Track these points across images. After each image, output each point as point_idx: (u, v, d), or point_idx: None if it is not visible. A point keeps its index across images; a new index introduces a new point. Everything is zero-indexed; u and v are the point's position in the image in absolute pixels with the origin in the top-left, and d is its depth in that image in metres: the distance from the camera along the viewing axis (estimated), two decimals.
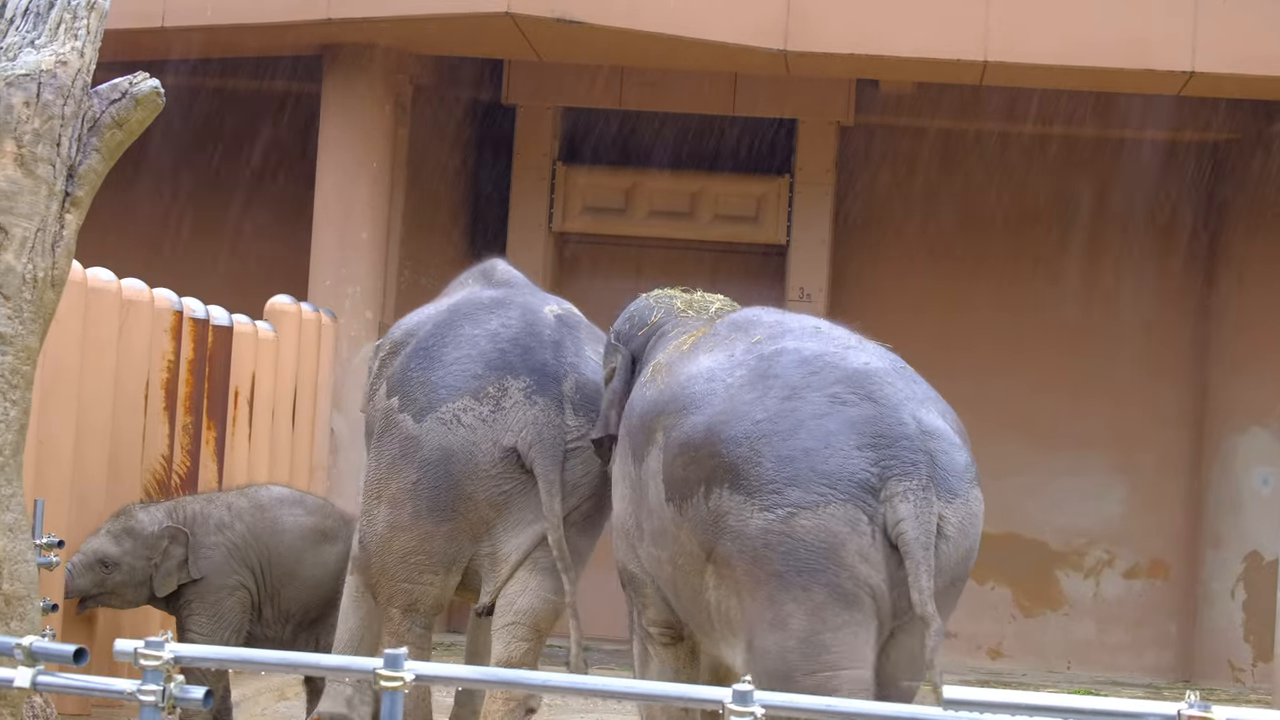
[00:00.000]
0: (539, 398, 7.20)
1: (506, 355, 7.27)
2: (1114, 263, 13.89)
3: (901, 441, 5.93)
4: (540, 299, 7.64)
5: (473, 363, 7.27)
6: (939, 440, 5.99)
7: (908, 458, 5.90)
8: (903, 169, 14.00)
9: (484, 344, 7.32)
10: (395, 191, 12.80)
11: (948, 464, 5.96)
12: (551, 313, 7.51)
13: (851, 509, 5.85)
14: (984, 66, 11.57)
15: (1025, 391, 13.67)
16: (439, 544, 7.29)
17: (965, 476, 5.99)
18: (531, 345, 7.31)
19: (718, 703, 4.57)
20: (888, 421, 5.98)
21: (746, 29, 11.50)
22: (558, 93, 13.70)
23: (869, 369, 6.17)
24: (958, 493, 5.95)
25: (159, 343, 9.04)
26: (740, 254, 14.03)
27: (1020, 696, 4.51)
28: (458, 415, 7.19)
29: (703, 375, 6.30)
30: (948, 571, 5.95)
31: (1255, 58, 11.44)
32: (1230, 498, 13.55)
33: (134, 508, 8.37)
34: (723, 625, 6.10)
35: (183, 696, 4.75)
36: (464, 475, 7.18)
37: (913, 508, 5.82)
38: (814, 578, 5.88)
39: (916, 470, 5.87)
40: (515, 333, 7.36)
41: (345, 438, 11.85)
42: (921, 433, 5.97)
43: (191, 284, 10.65)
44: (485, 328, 7.40)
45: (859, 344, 6.36)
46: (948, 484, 5.93)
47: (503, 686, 6.48)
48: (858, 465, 5.88)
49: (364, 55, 12.02)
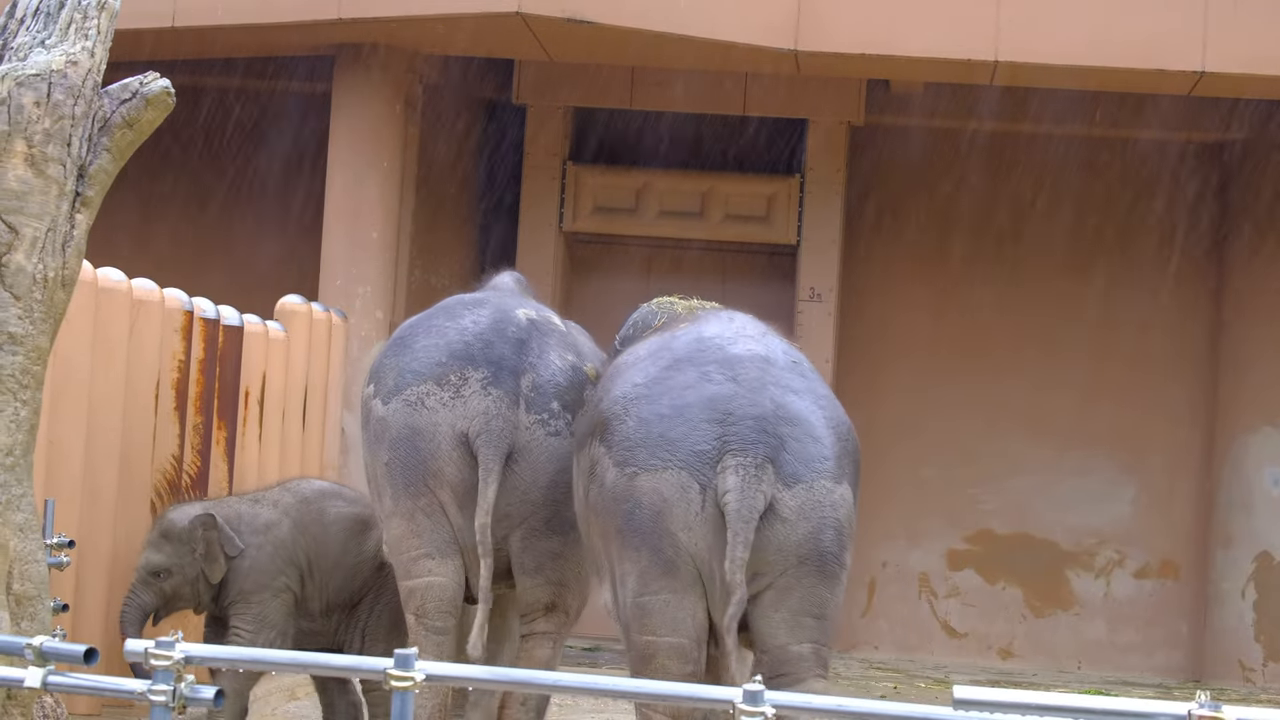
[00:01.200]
0: (493, 389, 7.39)
1: (470, 347, 7.49)
2: (1125, 262, 13.88)
3: (747, 421, 6.33)
4: (517, 302, 7.80)
5: (439, 351, 7.52)
6: (795, 427, 6.35)
7: (749, 436, 6.28)
8: (913, 169, 13.99)
9: (452, 335, 7.57)
10: (405, 191, 12.80)
11: (796, 450, 6.30)
12: (524, 315, 7.67)
13: (685, 476, 6.29)
14: (994, 66, 11.57)
15: (1035, 391, 13.66)
16: (422, 522, 7.43)
17: (814, 465, 6.32)
18: (493, 340, 7.51)
19: (727, 703, 4.58)
20: (741, 401, 6.38)
21: (757, 29, 11.50)
22: (568, 92, 13.70)
23: (749, 354, 6.57)
24: (801, 478, 6.29)
25: (169, 343, 9.04)
26: (750, 254, 14.03)
27: (1031, 696, 4.50)
28: (421, 398, 7.44)
29: (628, 357, 6.90)
30: (789, 551, 6.28)
31: (1266, 58, 11.43)
32: (1241, 498, 13.54)
33: (167, 511, 8.41)
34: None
35: (193, 696, 4.75)
36: (429, 454, 7.39)
37: (739, 481, 6.21)
38: (643, 540, 6.38)
39: (754, 449, 6.26)
40: (482, 328, 7.57)
41: (356, 437, 11.85)
42: (776, 416, 6.34)
43: (202, 284, 10.66)
44: (457, 322, 7.64)
45: (759, 336, 6.74)
46: (791, 468, 6.28)
47: (513, 687, 6.47)
48: (700, 436, 6.31)
49: (374, 55, 12.03)
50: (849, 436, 6.55)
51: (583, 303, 14.12)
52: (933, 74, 12.34)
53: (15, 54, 6.05)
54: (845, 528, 6.45)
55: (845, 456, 6.49)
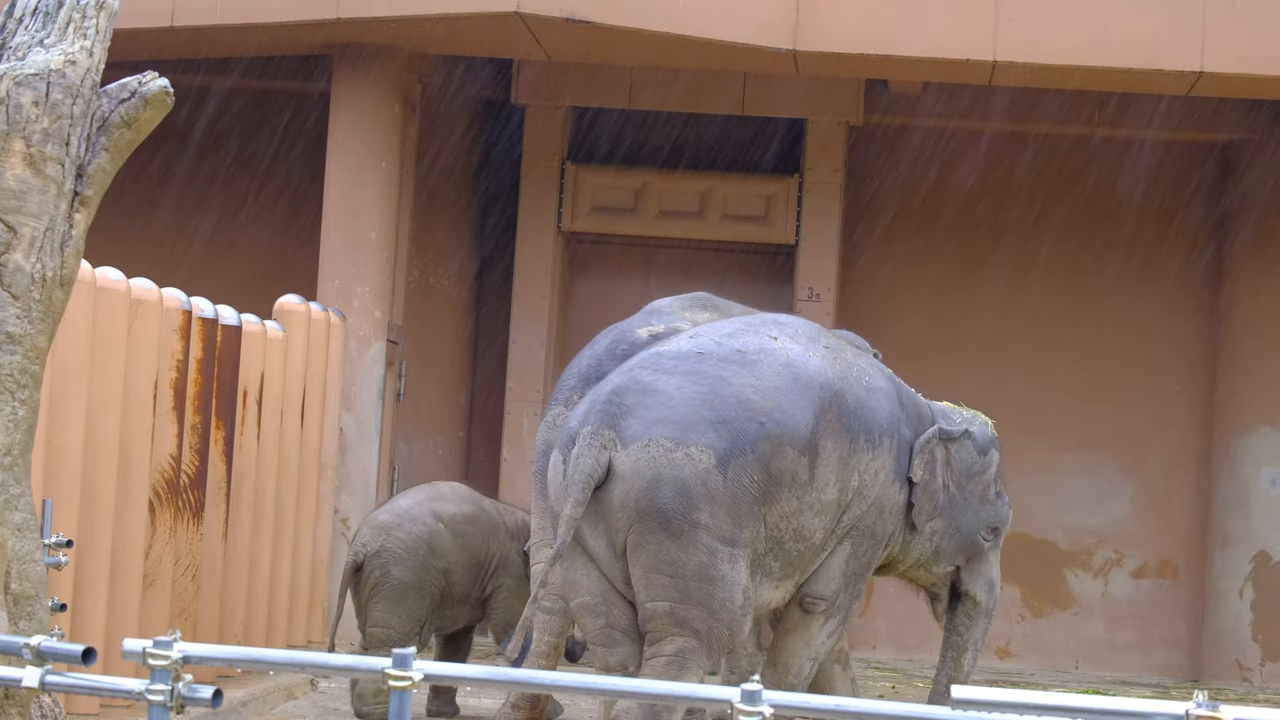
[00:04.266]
0: None
1: (589, 369, 8.31)
2: (1123, 263, 13.87)
3: (599, 400, 7.17)
4: (643, 321, 8.52)
5: (571, 377, 8.44)
6: (648, 398, 7.07)
7: (596, 410, 7.12)
8: (911, 169, 13.99)
9: (585, 361, 8.43)
10: (404, 191, 12.80)
11: (640, 416, 7.03)
12: (647, 332, 8.34)
13: (557, 454, 7.22)
14: (993, 66, 11.57)
15: (1034, 392, 13.65)
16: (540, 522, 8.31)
17: (652, 429, 6.98)
18: (604, 360, 8.26)
19: (725, 702, 4.58)
20: (604, 384, 7.29)
21: (756, 29, 11.50)
22: (567, 92, 13.70)
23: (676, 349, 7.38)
24: (636, 439, 6.98)
25: (168, 342, 9.04)
26: (749, 254, 14.03)
27: (1029, 696, 4.50)
28: (554, 419, 8.29)
29: None
30: (629, 506, 6.97)
31: (1264, 58, 11.43)
32: (1239, 498, 13.54)
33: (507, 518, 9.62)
34: None
35: (191, 696, 4.75)
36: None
37: (580, 449, 7.04)
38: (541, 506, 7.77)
39: (599, 420, 7.06)
40: (601, 350, 8.40)
41: (354, 437, 11.86)
42: (627, 389, 7.12)
43: (200, 283, 10.66)
44: (593, 349, 8.49)
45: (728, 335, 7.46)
46: (628, 432, 6.99)
47: (510, 685, 6.47)
48: (574, 418, 7.25)
49: (373, 55, 12.03)
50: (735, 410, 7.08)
51: (582, 303, 14.13)
52: (931, 74, 12.34)
53: (14, 53, 6.05)
54: (691, 486, 6.92)
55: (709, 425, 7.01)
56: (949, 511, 7.96)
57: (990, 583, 8.24)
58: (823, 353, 7.50)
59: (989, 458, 8.12)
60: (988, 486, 8.11)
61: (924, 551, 7.97)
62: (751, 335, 7.40)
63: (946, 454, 7.95)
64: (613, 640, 7.15)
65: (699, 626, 6.98)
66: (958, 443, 8.00)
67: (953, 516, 7.98)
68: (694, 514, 6.94)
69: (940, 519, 7.93)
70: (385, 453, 12.66)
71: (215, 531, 9.64)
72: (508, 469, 13.56)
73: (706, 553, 6.96)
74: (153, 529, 8.93)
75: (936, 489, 7.87)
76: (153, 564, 8.94)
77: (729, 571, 7.01)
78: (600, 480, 6.99)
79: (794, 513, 7.25)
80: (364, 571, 9.07)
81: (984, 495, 8.11)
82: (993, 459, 8.14)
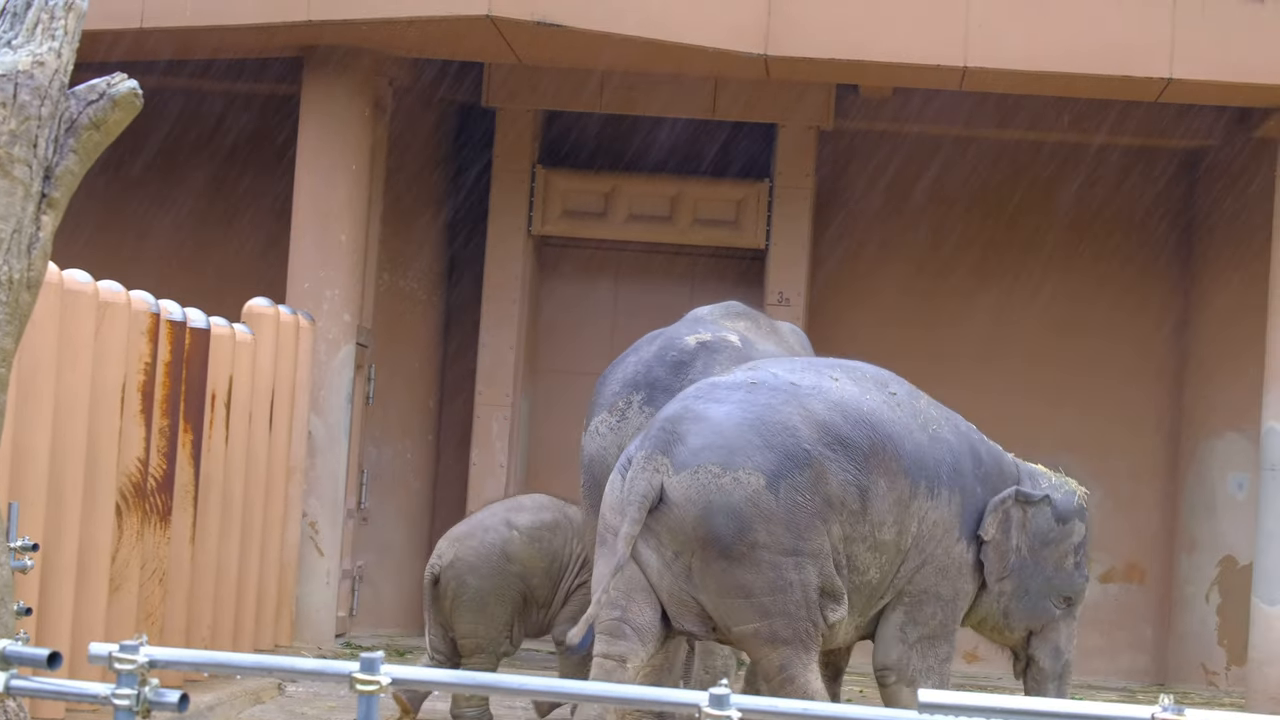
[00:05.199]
0: (648, 408, 8.29)
1: (637, 376, 8.44)
2: (1091, 268, 13.91)
3: (655, 425, 7.41)
4: (689, 329, 8.66)
5: (615, 383, 8.53)
6: (698, 424, 7.28)
7: (651, 435, 7.35)
8: (882, 174, 14.00)
9: (631, 368, 8.53)
10: (374, 194, 12.79)
11: (690, 443, 7.22)
12: (694, 340, 8.51)
13: (616, 474, 7.43)
14: (963, 72, 11.59)
15: (1002, 396, 13.67)
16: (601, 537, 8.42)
17: (700, 455, 7.18)
18: (653, 365, 8.43)
19: (693, 706, 4.57)
20: (663, 411, 7.52)
21: (727, 33, 11.50)
22: (538, 96, 13.69)
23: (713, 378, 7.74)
24: (686, 466, 7.18)
25: (136, 345, 9.01)
26: (719, 258, 14.03)
27: (996, 700, 4.51)
28: (598, 427, 8.47)
29: None
30: (686, 532, 7.19)
31: (1233, 65, 11.47)
32: (1205, 502, 13.58)
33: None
34: None
35: (157, 700, 4.73)
36: (602, 477, 8.20)
37: (634, 473, 7.27)
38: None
39: (652, 445, 7.28)
40: (649, 356, 8.52)
41: (322, 440, 11.84)
42: (685, 418, 7.32)
43: (169, 286, 10.63)
44: (638, 354, 8.61)
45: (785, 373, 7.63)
46: (679, 459, 7.20)
47: (474, 689, 6.46)
48: (633, 443, 7.51)
49: (344, 57, 12.01)
50: (780, 435, 7.25)
51: (552, 306, 14.13)
52: (902, 79, 12.36)
53: None
54: (744, 510, 7.11)
55: (755, 448, 7.19)
56: (1019, 574, 7.97)
57: (1056, 649, 8.18)
58: (884, 397, 7.62)
59: (1069, 527, 8.11)
60: (1065, 555, 8.10)
61: (991, 611, 7.99)
62: (811, 373, 7.59)
63: (1023, 516, 7.95)
64: (622, 634, 7.32)
65: (786, 635, 7.25)
66: (1036, 506, 8.01)
67: (1023, 580, 7.98)
68: (750, 535, 7.17)
69: (1010, 580, 7.94)
70: (354, 456, 12.64)
71: (182, 535, 9.62)
72: (476, 472, 13.55)
73: (770, 568, 7.19)
74: (120, 532, 8.91)
75: (1008, 549, 7.89)
76: (119, 568, 8.91)
77: (796, 577, 7.22)
78: (654, 503, 7.22)
79: (847, 539, 7.38)
80: (441, 584, 9.19)
81: (1059, 563, 8.09)
82: (1074, 529, 8.11)
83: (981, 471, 7.85)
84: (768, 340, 8.87)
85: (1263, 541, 11.94)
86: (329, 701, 9.99)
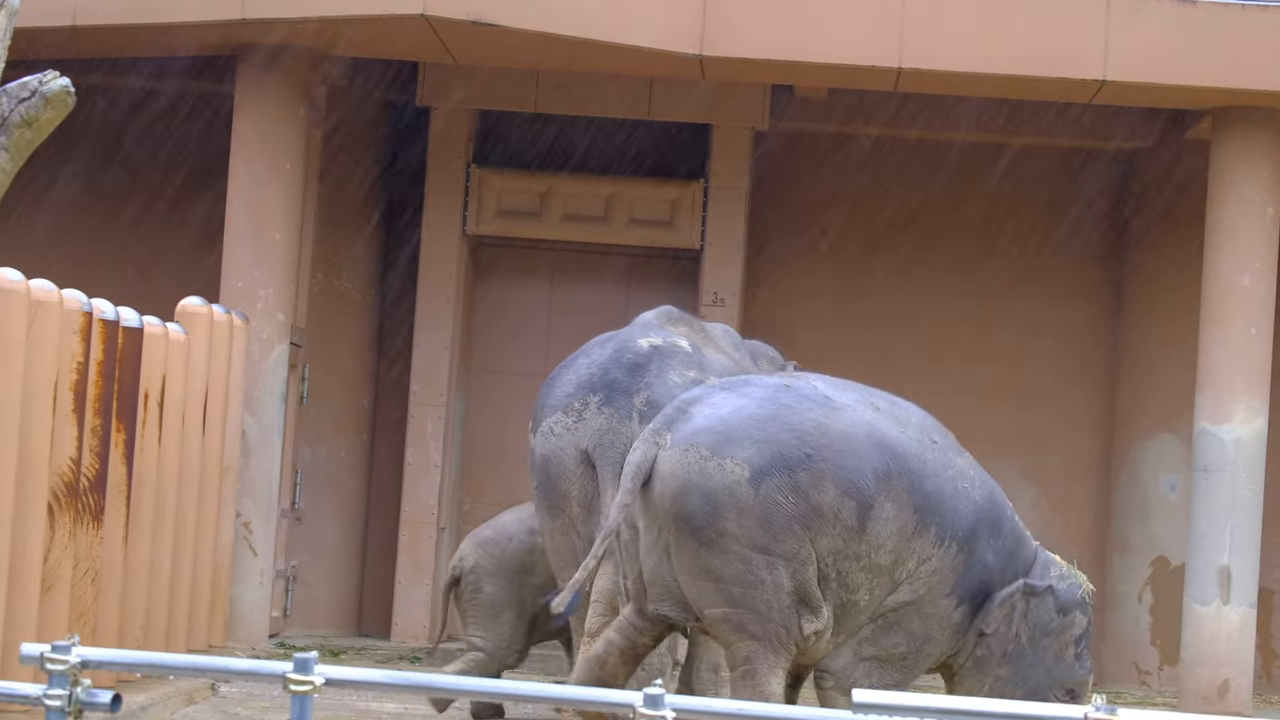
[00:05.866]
0: (607, 409, 8.47)
1: (593, 377, 8.58)
2: (1026, 269, 13.97)
3: (672, 404, 7.66)
4: (641, 333, 8.82)
5: (569, 384, 8.64)
6: (707, 408, 7.44)
7: (665, 411, 7.62)
8: (817, 174, 14.03)
9: (582, 370, 8.66)
10: (308, 193, 12.74)
11: (693, 423, 7.39)
12: (647, 343, 8.67)
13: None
14: (898, 73, 11.62)
15: (936, 396, 13.62)
16: (560, 540, 8.61)
17: (697, 436, 7.34)
18: (610, 368, 8.57)
19: (628, 706, 4.57)
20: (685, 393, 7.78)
21: (662, 34, 11.51)
22: (472, 95, 13.66)
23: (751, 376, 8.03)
24: (680, 443, 7.34)
25: (68, 344, 8.95)
26: (654, 258, 14.03)
27: (930, 700, 4.52)
28: (552, 428, 8.58)
29: None
30: (665, 507, 7.35)
31: (1167, 67, 11.54)
32: (1138, 503, 13.65)
33: None
34: None
35: (89, 701, 4.71)
36: (558, 477, 8.52)
37: (637, 443, 7.56)
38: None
39: (660, 420, 7.54)
40: (604, 359, 8.65)
41: (256, 440, 11.79)
42: (700, 400, 7.52)
43: (102, 285, 10.57)
44: (589, 357, 8.75)
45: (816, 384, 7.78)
46: (677, 435, 7.37)
47: (412, 690, 6.45)
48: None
49: (278, 56, 11.96)
50: (785, 436, 7.35)
51: (486, 306, 14.10)
52: (836, 80, 12.38)
53: None
54: (718, 496, 7.22)
55: (752, 441, 7.28)
56: (1017, 662, 7.96)
57: None
58: (917, 436, 7.73)
59: (1070, 618, 8.07)
60: (1065, 647, 8.08)
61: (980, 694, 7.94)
62: (852, 394, 7.73)
63: (1026, 606, 7.94)
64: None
65: (755, 630, 7.33)
66: (1039, 597, 8.00)
67: (1020, 669, 7.97)
68: (720, 523, 7.28)
69: (1007, 667, 7.94)
70: (288, 456, 12.60)
71: (115, 535, 9.56)
72: (411, 472, 13.52)
73: (739, 559, 7.28)
74: (51, 532, 8.84)
75: (1008, 637, 7.89)
76: (51, 567, 8.85)
77: (768, 577, 7.31)
78: (647, 475, 7.41)
79: (838, 554, 7.43)
80: (461, 585, 9.20)
81: (1060, 654, 8.06)
82: (1075, 620, 8.06)
83: (997, 545, 7.86)
84: (708, 345, 9.00)
85: (1195, 542, 12.00)
86: (262, 702, 9.96)
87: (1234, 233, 11.97)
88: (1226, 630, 11.86)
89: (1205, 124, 12.45)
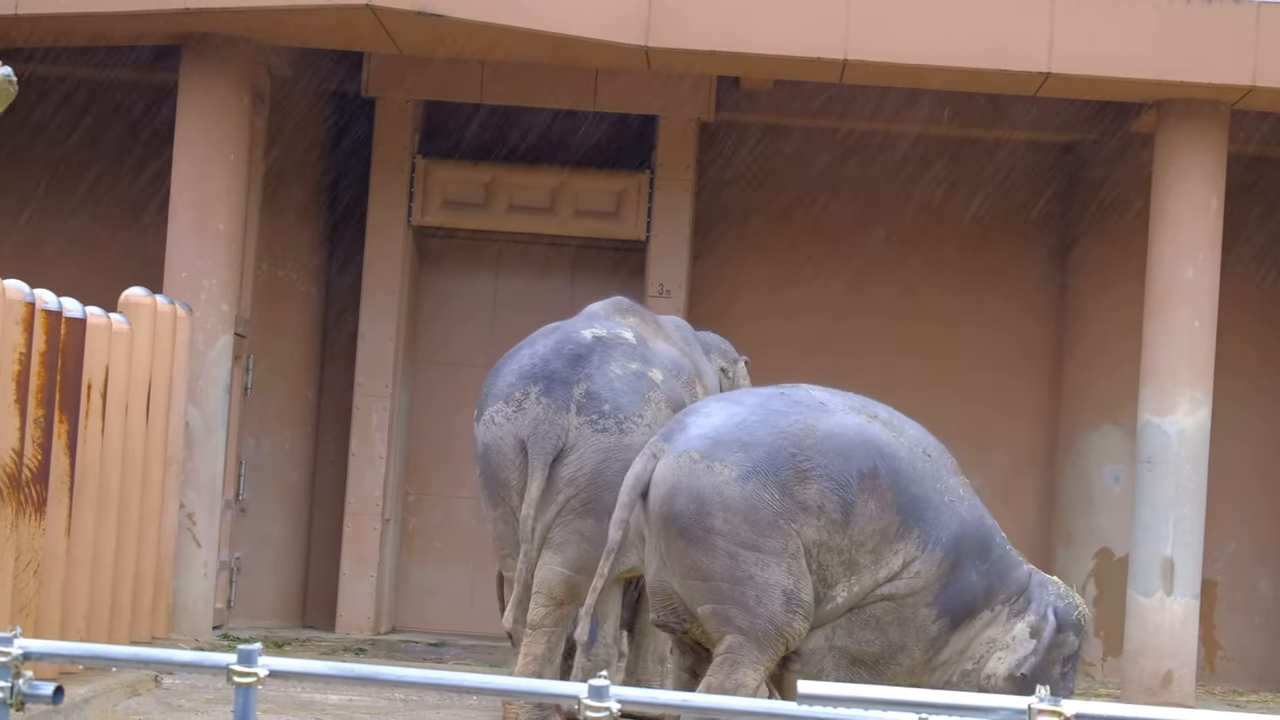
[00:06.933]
0: (545, 399, 8.58)
1: (534, 368, 8.69)
2: (972, 261, 14.02)
3: (675, 417, 7.90)
4: (585, 324, 8.93)
5: (511, 374, 8.76)
6: (703, 418, 7.57)
7: (665, 425, 7.83)
8: (763, 166, 14.05)
9: (525, 360, 8.78)
10: (253, 184, 12.69)
11: (689, 432, 7.50)
12: (590, 334, 8.79)
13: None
14: (844, 65, 11.64)
15: (883, 387, 13.62)
16: (501, 528, 8.78)
17: (690, 443, 7.44)
18: (550, 357, 8.69)
19: (574, 697, 4.57)
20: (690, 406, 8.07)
21: (608, 24, 11.50)
22: (418, 86, 13.63)
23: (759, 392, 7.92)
24: (674, 451, 7.45)
25: (10, 335, 8.90)
26: (600, 249, 14.03)
27: (874, 691, 4.53)
28: (493, 416, 8.71)
29: None
30: (656, 512, 7.46)
31: (1111, 60, 11.58)
32: (1082, 495, 13.71)
33: None
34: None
35: (31, 693, 4.68)
36: (498, 465, 8.68)
37: (637, 457, 7.66)
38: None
39: (660, 434, 7.68)
40: (546, 350, 8.75)
41: (200, 431, 11.75)
42: (697, 411, 7.68)
43: (44, 275, 10.51)
44: (533, 347, 8.85)
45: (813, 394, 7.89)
46: (674, 445, 7.48)
47: (357, 681, 6.44)
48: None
49: (222, 46, 11.91)
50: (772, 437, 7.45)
51: (432, 297, 14.08)
52: (782, 72, 12.39)
53: None
54: (706, 494, 7.35)
55: (741, 445, 7.40)
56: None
57: None
58: (911, 446, 7.70)
59: (1063, 637, 8.04)
60: (1052, 665, 8.04)
61: None
62: (848, 401, 7.82)
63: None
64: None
65: (741, 624, 7.37)
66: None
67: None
68: (707, 520, 7.36)
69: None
70: (232, 447, 12.56)
71: (58, 526, 9.51)
72: (356, 464, 13.49)
73: (727, 556, 7.35)
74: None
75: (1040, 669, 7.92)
76: None
77: (758, 573, 7.36)
78: (645, 486, 7.52)
79: (821, 546, 7.44)
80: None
81: (1045, 671, 8.04)
82: (1066, 640, 8.02)
83: (983, 567, 7.78)
84: (656, 337, 9.03)
85: (1138, 534, 12.06)
86: (206, 694, 9.93)
87: (1178, 225, 12.03)
88: (1170, 621, 11.92)
89: (1149, 117, 12.51)
